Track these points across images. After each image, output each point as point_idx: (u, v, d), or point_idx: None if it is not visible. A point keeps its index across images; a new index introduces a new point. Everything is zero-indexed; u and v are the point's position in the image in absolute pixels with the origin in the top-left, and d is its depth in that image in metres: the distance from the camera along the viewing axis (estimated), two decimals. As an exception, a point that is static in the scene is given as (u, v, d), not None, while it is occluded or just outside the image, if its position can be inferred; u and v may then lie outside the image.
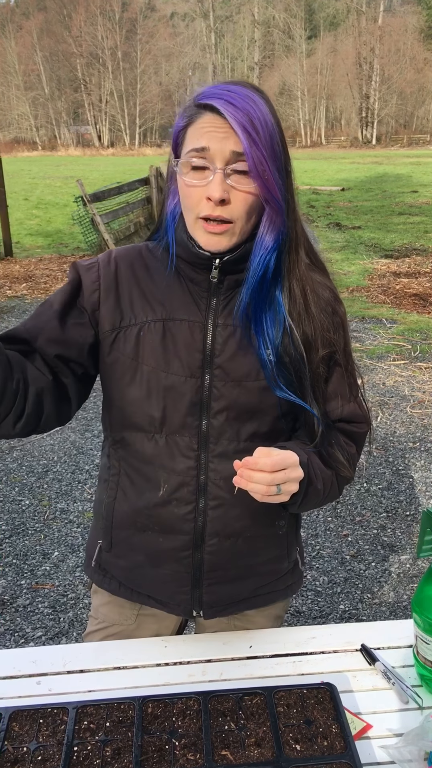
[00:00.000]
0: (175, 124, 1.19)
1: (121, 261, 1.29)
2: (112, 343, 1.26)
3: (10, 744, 1.07)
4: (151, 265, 1.28)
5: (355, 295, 8.13)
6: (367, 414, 1.36)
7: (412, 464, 4.16)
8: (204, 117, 1.12)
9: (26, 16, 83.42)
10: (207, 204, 1.12)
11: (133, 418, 1.26)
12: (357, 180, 23.12)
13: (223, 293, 1.24)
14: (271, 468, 1.09)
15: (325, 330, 1.25)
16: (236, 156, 1.10)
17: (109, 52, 70.66)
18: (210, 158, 1.11)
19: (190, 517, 1.27)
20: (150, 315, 1.24)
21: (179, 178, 1.17)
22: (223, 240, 1.15)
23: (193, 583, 1.33)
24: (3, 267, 10.07)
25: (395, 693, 1.22)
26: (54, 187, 22.46)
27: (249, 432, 1.25)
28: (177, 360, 1.23)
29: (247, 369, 1.23)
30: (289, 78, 69.67)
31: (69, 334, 1.24)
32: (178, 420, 1.24)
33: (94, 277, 1.27)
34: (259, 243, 1.18)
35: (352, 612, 2.90)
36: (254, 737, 1.07)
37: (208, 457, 1.25)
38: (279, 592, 1.44)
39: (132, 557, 1.35)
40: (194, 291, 1.25)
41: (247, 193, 1.13)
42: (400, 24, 64.51)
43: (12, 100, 74.55)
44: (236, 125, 1.08)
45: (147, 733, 1.09)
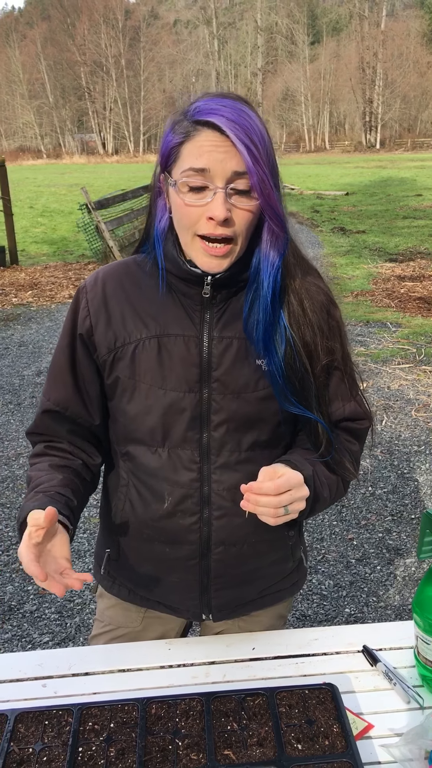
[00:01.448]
0: (165, 137, 1.15)
1: (109, 279, 1.28)
2: (111, 364, 1.26)
3: (16, 745, 1.09)
4: (141, 280, 1.27)
5: (359, 299, 8.14)
6: (368, 410, 1.36)
7: (417, 467, 4.16)
8: (202, 134, 1.09)
9: (30, 25, 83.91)
10: (208, 223, 1.11)
11: (135, 433, 1.28)
12: (361, 184, 23.14)
13: (217, 306, 1.23)
14: (275, 491, 1.11)
15: (325, 338, 1.25)
16: (236, 175, 1.09)
17: (113, 60, 70.99)
18: (210, 178, 1.09)
19: (195, 528, 1.29)
20: (144, 332, 1.24)
21: (175, 196, 1.14)
22: (223, 262, 1.15)
23: (201, 590, 1.35)
24: (8, 275, 10.12)
25: (397, 693, 1.23)
26: (59, 194, 22.57)
27: (250, 442, 1.26)
28: (174, 376, 1.23)
29: (246, 380, 1.23)
30: (293, 83, 69.84)
31: (85, 382, 1.30)
32: (179, 434, 1.25)
33: (83, 303, 1.27)
34: (266, 260, 1.18)
35: (358, 615, 2.90)
36: (256, 737, 1.09)
37: (211, 469, 1.26)
38: (285, 590, 1.46)
39: (140, 566, 1.37)
40: (187, 305, 1.24)
41: (247, 212, 1.12)
42: (403, 28, 64.58)
43: (17, 109, 74.97)
44: (240, 144, 1.06)
45: (150, 733, 1.10)
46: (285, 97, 70.67)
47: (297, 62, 69.65)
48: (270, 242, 1.18)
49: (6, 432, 4.77)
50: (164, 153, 1.16)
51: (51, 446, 1.34)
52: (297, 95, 69.75)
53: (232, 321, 1.24)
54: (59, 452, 1.33)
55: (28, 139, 75.15)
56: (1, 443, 4.60)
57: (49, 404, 1.32)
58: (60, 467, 1.30)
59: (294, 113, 70.29)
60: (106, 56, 71.22)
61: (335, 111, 70.00)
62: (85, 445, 1.36)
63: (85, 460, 1.35)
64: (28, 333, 7.23)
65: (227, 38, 73.05)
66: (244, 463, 1.27)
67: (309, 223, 14.74)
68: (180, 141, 1.12)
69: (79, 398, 1.31)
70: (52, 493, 1.22)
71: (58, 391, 1.32)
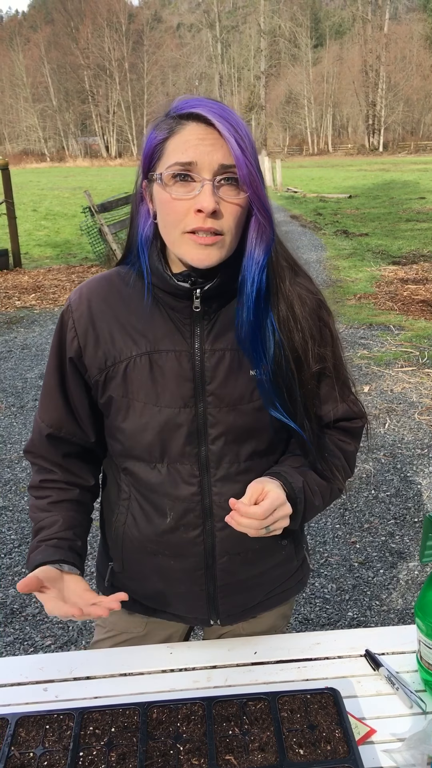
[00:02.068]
0: (148, 138, 1.13)
1: (94, 297, 1.25)
2: (103, 384, 1.25)
3: (16, 749, 1.08)
4: (126, 295, 1.24)
5: (362, 302, 8.14)
6: (361, 409, 1.35)
7: (420, 471, 4.16)
8: (187, 128, 1.08)
9: (34, 29, 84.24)
10: (196, 217, 1.08)
11: (133, 451, 1.27)
12: (364, 187, 23.15)
13: (207, 318, 1.21)
14: (260, 517, 1.12)
15: (316, 344, 1.23)
16: (223, 168, 1.07)
17: (116, 64, 71.18)
18: (197, 171, 1.07)
19: (199, 540, 1.28)
20: (134, 349, 1.21)
21: (160, 192, 1.11)
22: (212, 253, 1.11)
23: (208, 598, 1.35)
24: (12, 277, 10.14)
25: (399, 698, 1.22)
26: (62, 198, 22.61)
27: (248, 452, 1.25)
28: (168, 392, 1.21)
29: (241, 392, 1.21)
30: (296, 86, 69.93)
31: (76, 401, 1.30)
32: (177, 450, 1.23)
33: (69, 324, 1.25)
34: (250, 258, 1.15)
35: (361, 619, 2.89)
36: (258, 742, 1.08)
37: (211, 482, 1.25)
38: (291, 589, 1.47)
39: (145, 579, 1.37)
40: (176, 319, 1.21)
41: (236, 205, 1.10)
42: (406, 31, 64.67)
43: (20, 113, 75.19)
44: (228, 134, 1.05)
45: (152, 738, 1.09)
46: (288, 100, 70.74)
47: (300, 65, 69.76)
48: (256, 239, 1.15)
49: (9, 435, 4.77)
50: (147, 153, 1.13)
51: (45, 480, 1.34)
52: (300, 98, 69.83)
53: (224, 333, 1.21)
54: (54, 484, 1.34)
55: (31, 143, 75.35)
56: (4, 446, 4.60)
57: (43, 426, 1.32)
58: (58, 503, 1.32)
59: (297, 116, 70.36)
60: (110, 60, 71.44)
61: (338, 114, 70.07)
62: (80, 469, 1.36)
63: (81, 485, 1.36)
64: (31, 336, 7.24)
65: (230, 42, 73.22)
66: (244, 473, 1.26)
67: (312, 226, 14.74)
68: (164, 137, 1.10)
69: (72, 418, 1.31)
70: (55, 541, 1.25)
71: (50, 413, 1.31)
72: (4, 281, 9.90)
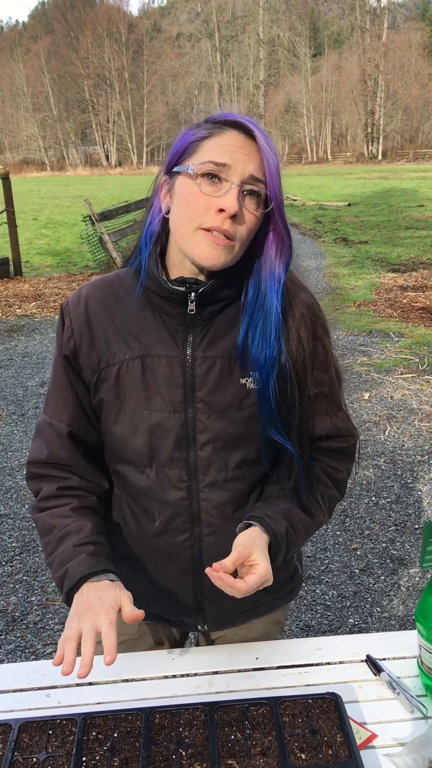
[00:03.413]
0: (186, 134, 1.16)
1: (92, 299, 1.26)
2: (96, 384, 1.26)
3: (20, 755, 1.09)
4: (124, 299, 1.26)
5: (362, 310, 8.16)
6: (352, 427, 1.34)
7: (421, 477, 4.16)
8: (228, 134, 1.12)
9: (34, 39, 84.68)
10: (216, 216, 1.11)
11: (122, 454, 1.27)
12: (363, 195, 23.21)
13: (200, 325, 1.22)
14: (244, 594, 1.10)
15: (316, 369, 1.24)
16: (252, 179, 1.11)
17: (116, 73, 71.50)
18: (228, 174, 1.11)
19: (186, 545, 1.29)
20: (127, 353, 1.23)
21: (187, 184, 1.14)
22: (222, 255, 1.13)
23: (196, 603, 1.35)
24: (13, 286, 10.16)
25: (400, 703, 1.23)
26: (63, 206, 22.67)
27: (237, 460, 1.26)
28: (159, 396, 1.22)
29: (230, 400, 1.22)
30: (295, 95, 70.20)
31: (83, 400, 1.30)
32: (165, 454, 1.24)
33: (67, 323, 1.27)
34: (271, 275, 1.18)
35: (362, 626, 2.90)
36: (260, 746, 1.09)
37: (199, 487, 1.26)
38: (280, 598, 1.47)
39: (135, 581, 1.36)
40: (170, 324, 1.22)
41: (253, 216, 1.14)
42: (405, 40, 64.93)
43: (21, 122, 75.49)
44: (266, 149, 1.11)
45: (154, 743, 1.10)
46: (287, 109, 71.02)
47: (299, 74, 70.05)
48: (276, 255, 1.18)
49: (10, 442, 4.78)
50: (179, 148, 1.16)
51: (64, 487, 1.30)
52: (299, 107, 70.10)
53: (215, 341, 1.23)
54: (74, 491, 1.30)
55: (32, 152, 75.59)
56: (5, 453, 4.61)
57: (62, 425, 1.30)
58: (82, 509, 1.28)
59: (296, 125, 70.62)
60: (110, 69, 71.74)
61: (337, 122, 70.32)
62: (95, 473, 1.34)
63: (97, 492, 1.33)
64: (31, 344, 7.25)
65: (230, 51, 73.55)
66: (232, 481, 1.27)
67: (311, 234, 14.78)
68: (203, 136, 1.14)
69: (85, 416, 1.31)
70: (93, 547, 1.20)
71: (69, 411, 1.30)
72: (5, 289, 9.93)
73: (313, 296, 1.29)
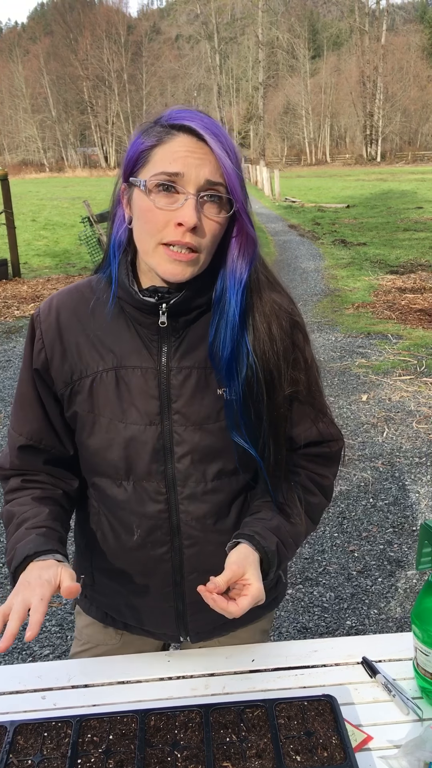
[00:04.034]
0: (135, 141, 1.10)
1: (63, 308, 1.23)
2: (69, 397, 1.23)
3: (15, 757, 1.09)
4: (96, 307, 1.22)
5: (360, 311, 8.16)
6: (337, 431, 1.32)
7: (419, 479, 4.16)
8: (177, 139, 1.06)
9: (33, 41, 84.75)
10: (175, 230, 1.06)
11: (98, 467, 1.25)
12: (362, 197, 23.24)
13: (174, 335, 1.18)
14: (236, 615, 1.09)
15: (289, 367, 1.20)
16: (209, 184, 1.06)
17: (115, 75, 71.59)
18: (182, 184, 1.05)
19: (167, 557, 1.28)
20: (101, 364, 1.19)
21: (142, 200, 1.09)
22: (187, 269, 1.09)
23: (177, 615, 1.34)
24: (11, 287, 10.16)
25: (396, 705, 1.23)
26: (61, 208, 22.69)
27: (215, 471, 1.23)
28: (134, 408, 1.19)
29: (207, 411, 1.19)
30: (294, 97, 70.35)
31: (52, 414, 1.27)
32: (142, 467, 1.21)
33: (38, 335, 1.23)
34: (232, 275, 1.14)
35: (359, 628, 2.89)
36: (255, 749, 1.08)
37: (178, 499, 1.24)
38: (263, 607, 1.43)
39: (115, 593, 1.36)
40: (143, 335, 1.19)
41: (216, 223, 1.09)
42: (403, 42, 65.11)
43: (20, 123, 75.53)
44: (219, 150, 1.04)
45: (149, 745, 1.10)
46: (286, 111, 71.15)
47: (298, 76, 70.20)
48: (239, 257, 1.13)
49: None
50: (131, 157, 1.10)
51: (28, 479, 1.30)
52: (298, 109, 70.24)
53: (191, 350, 1.19)
54: (38, 484, 1.30)
55: (30, 153, 75.67)
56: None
57: (22, 439, 1.28)
58: (43, 499, 1.27)
59: (295, 127, 70.75)
60: (109, 71, 71.86)
61: (336, 124, 70.46)
62: (62, 472, 1.32)
63: (64, 488, 1.32)
64: (30, 345, 7.25)
65: (229, 53, 73.66)
66: (211, 493, 1.24)
67: (310, 236, 14.80)
68: (152, 144, 1.07)
69: (51, 430, 1.28)
70: (45, 529, 1.18)
71: (30, 424, 1.27)
72: (3, 291, 9.93)
73: (291, 297, 1.25)
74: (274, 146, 71.46)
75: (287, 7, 73.27)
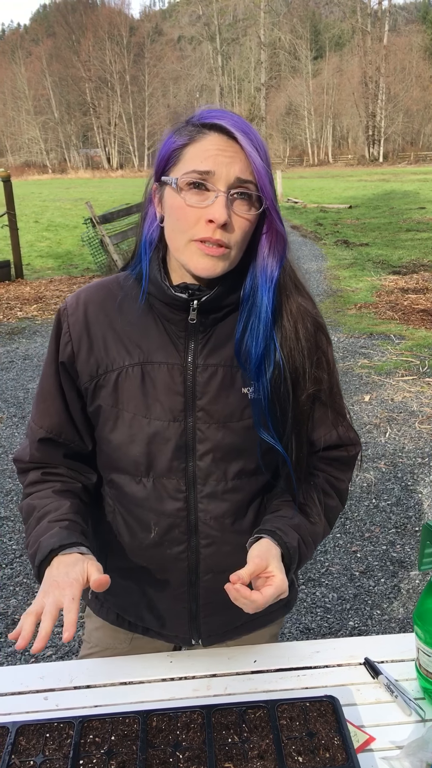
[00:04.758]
0: (167, 141, 1.13)
1: (91, 303, 1.24)
2: (93, 392, 1.24)
3: (17, 758, 1.09)
4: (123, 304, 1.23)
5: (363, 312, 8.16)
6: (355, 436, 1.34)
7: (421, 480, 4.16)
8: (209, 138, 1.08)
9: (35, 42, 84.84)
10: (206, 226, 1.08)
11: (118, 462, 1.25)
12: (364, 197, 23.22)
13: (202, 332, 1.20)
14: (260, 606, 1.09)
15: (313, 367, 1.22)
16: (239, 182, 1.08)
17: (118, 76, 71.62)
18: (213, 181, 1.08)
19: (183, 557, 1.27)
20: (127, 359, 1.21)
21: (173, 198, 1.11)
22: (219, 264, 1.11)
23: (191, 617, 1.34)
24: (14, 288, 10.18)
25: (398, 706, 1.23)
26: (64, 209, 22.70)
27: (236, 471, 1.24)
28: (158, 404, 1.20)
29: (231, 409, 1.20)
30: (296, 98, 70.30)
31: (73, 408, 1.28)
32: (163, 464, 1.22)
33: (65, 328, 1.24)
34: (263, 272, 1.16)
35: (362, 629, 2.89)
36: (257, 750, 1.08)
37: (197, 498, 1.24)
38: (276, 612, 1.44)
39: (128, 593, 1.35)
40: (171, 331, 1.20)
41: (246, 220, 1.10)
42: (405, 43, 65.01)
43: (22, 125, 75.63)
44: (250, 148, 1.06)
45: (151, 746, 1.10)
46: (288, 112, 71.12)
47: (300, 77, 70.14)
48: (269, 254, 1.15)
49: (11, 445, 4.78)
50: (164, 156, 1.13)
51: (48, 473, 1.30)
52: (300, 109, 70.19)
53: (218, 348, 1.21)
54: (58, 477, 1.30)
55: (33, 155, 75.74)
56: (6, 456, 4.61)
57: (42, 432, 1.29)
58: (63, 492, 1.27)
59: (297, 127, 70.71)
60: (111, 72, 71.88)
61: (338, 125, 70.39)
62: (81, 466, 1.33)
63: (84, 482, 1.33)
64: (32, 346, 7.26)
65: (231, 54, 73.65)
66: (231, 492, 1.25)
67: (312, 236, 14.79)
68: (184, 143, 1.10)
69: (72, 424, 1.29)
70: (67, 522, 1.19)
71: (51, 418, 1.28)
72: (6, 292, 9.94)
73: (314, 300, 1.27)
74: (276, 147, 71.43)
75: (289, 7, 73.26)
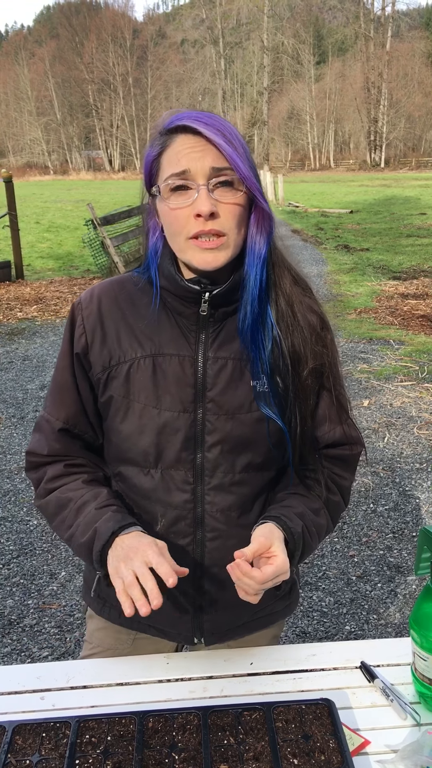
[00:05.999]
0: (146, 156, 1.19)
1: (105, 296, 1.28)
2: (105, 382, 1.26)
3: (13, 757, 1.09)
4: (136, 298, 1.27)
5: (363, 317, 8.17)
6: (359, 435, 1.35)
7: (419, 485, 4.16)
8: (177, 140, 1.13)
9: (39, 44, 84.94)
10: (196, 221, 1.12)
11: (128, 453, 1.27)
12: (365, 202, 23.26)
13: (213, 326, 1.23)
14: (260, 582, 1.10)
15: (313, 343, 1.25)
16: (216, 171, 1.11)
17: (120, 78, 71.76)
18: (191, 178, 1.12)
19: (189, 549, 1.29)
20: (139, 351, 1.24)
21: (161, 205, 1.16)
22: (219, 255, 1.15)
23: (195, 612, 1.34)
24: (14, 289, 10.18)
25: (394, 710, 1.23)
26: (65, 210, 22.72)
27: (244, 463, 1.26)
28: (168, 395, 1.22)
29: (240, 401, 1.23)
30: (298, 102, 70.44)
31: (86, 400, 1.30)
32: (172, 455, 1.24)
33: (79, 321, 1.27)
34: (251, 251, 1.19)
35: (358, 633, 2.89)
36: (253, 752, 1.09)
37: (204, 490, 1.26)
38: (278, 613, 1.46)
39: None
40: (183, 324, 1.23)
41: (233, 205, 1.14)
42: (408, 49, 65.15)
43: (24, 126, 75.71)
44: (214, 137, 1.10)
45: (147, 747, 1.10)
46: (290, 116, 71.27)
47: (303, 82, 70.31)
48: (256, 232, 1.18)
49: (9, 445, 4.78)
50: (146, 170, 1.19)
51: (71, 464, 1.32)
52: (302, 114, 70.32)
53: (228, 341, 1.24)
54: (82, 468, 1.32)
55: (35, 156, 75.81)
56: (4, 456, 4.61)
57: (60, 423, 1.31)
58: (92, 482, 1.30)
59: (299, 132, 70.84)
60: (114, 74, 72.01)
61: (340, 130, 70.51)
62: (97, 458, 1.36)
63: (104, 471, 1.36)
64: (32, 347, 7.26)
65: (234, 58, 73.83)
66: (238, 485, 1.26)
67: (313, 241, 14.80)
68: (158, 152, 1.16)
69: (84, 416, 1.31)
70: (115, 507, 1.23)
71: (67, 409, 1.31)
72: (7, 293, 9.94)
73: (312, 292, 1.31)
74: (278, 151, 71.56)
75: (292, 12, 73.39)
